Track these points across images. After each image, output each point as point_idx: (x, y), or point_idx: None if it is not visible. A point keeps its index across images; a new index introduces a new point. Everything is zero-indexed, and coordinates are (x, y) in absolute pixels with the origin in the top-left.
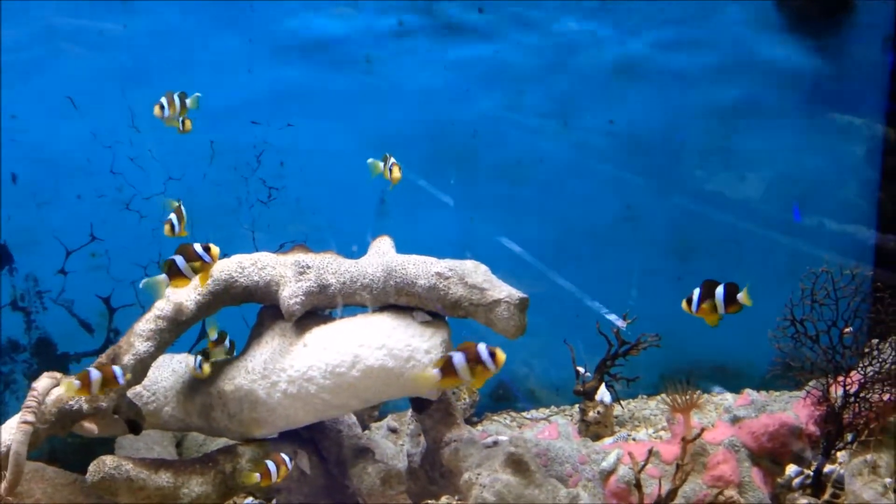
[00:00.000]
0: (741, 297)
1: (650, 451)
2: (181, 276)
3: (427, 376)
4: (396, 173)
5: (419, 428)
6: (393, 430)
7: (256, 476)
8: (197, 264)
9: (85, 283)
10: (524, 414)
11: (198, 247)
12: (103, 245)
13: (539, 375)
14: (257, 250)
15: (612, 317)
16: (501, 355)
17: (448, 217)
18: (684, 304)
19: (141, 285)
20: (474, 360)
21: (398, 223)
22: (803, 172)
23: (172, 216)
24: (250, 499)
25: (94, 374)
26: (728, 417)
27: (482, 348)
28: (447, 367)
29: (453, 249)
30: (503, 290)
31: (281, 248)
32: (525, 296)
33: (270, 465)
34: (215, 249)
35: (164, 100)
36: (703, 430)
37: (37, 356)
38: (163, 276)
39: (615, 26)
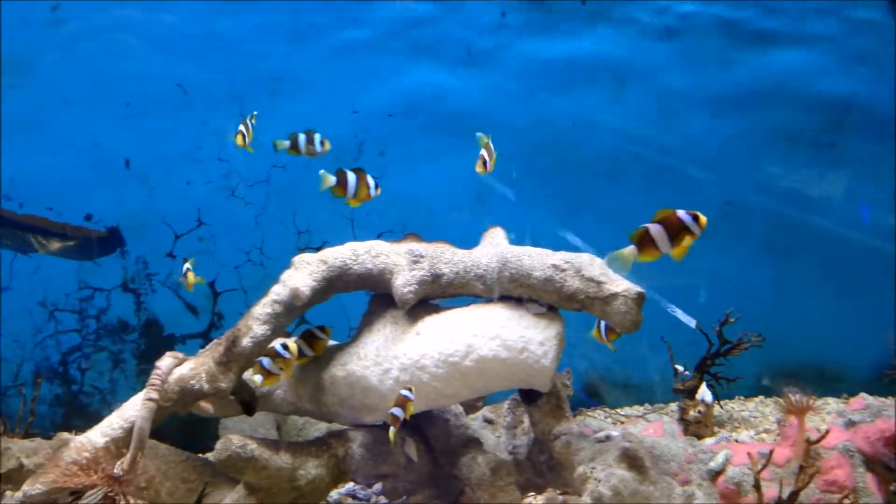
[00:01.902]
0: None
1: (770, 453)
2: (342, 188)
3: (625, 254)
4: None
5: (515, 420)
6: (489, 422)
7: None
8: (364, 192)
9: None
10: (619, 411)
11: (370, 180)
12: (209, 230)
13: (630, 373)
14: (356, 239)
15: (679, 312)
16: (703, 217)
17: (542, 211)
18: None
19: (321, 174)
20: (675, 227)
21: (494, 214)
22: None
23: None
24: (351, 484)
25: (267, 362)
26: (842, 422)
27: (682, 213)
28: (644, 240)
29: (548, 242)
30: (620, 284)
31: (379, 238)
32: (642, 290)
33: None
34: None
35: (242, 127)
36: (827, 431)
37: (145, 337)
38: (332, 179)
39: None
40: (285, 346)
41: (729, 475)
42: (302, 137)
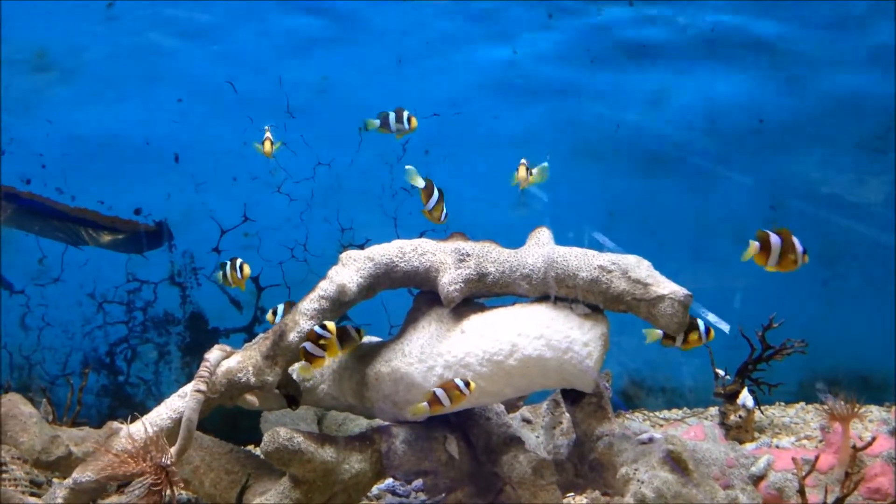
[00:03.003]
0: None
1: (816, 459)
2: (427, 197)
3: (752, 247)
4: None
5: (554, 420)
6: (527, 421)
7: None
8: (436, 214)
9: None
10: (657, 414)
11: (444, 208)
12: (255, 226)
13: (663, 377)
14: (398, 237)
15: (712, 316)
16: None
17: (587, 212)
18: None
19: (407, 167)
20: (787, 247)
21: (538, 215)
22: None
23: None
24: (390, 480)
25: (309, 345)
26: (886, 429)
27: (796, 239)
28: (765, 245)
29: (592, 244)
30: (667, 286)
31: (423, 236)
32: (689, 293)
33: (439, 391)
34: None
35: (269, 133)
36: (874, 438)
37: (189, 329)
38: (420, 182)
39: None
40: (324, 327)
41: (771, 480)
42: (392, 116)
